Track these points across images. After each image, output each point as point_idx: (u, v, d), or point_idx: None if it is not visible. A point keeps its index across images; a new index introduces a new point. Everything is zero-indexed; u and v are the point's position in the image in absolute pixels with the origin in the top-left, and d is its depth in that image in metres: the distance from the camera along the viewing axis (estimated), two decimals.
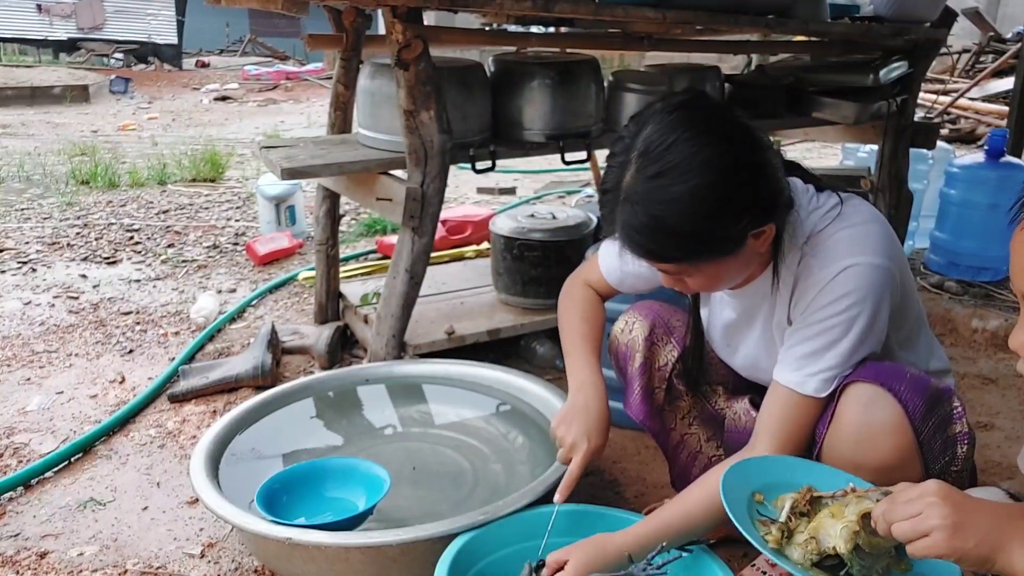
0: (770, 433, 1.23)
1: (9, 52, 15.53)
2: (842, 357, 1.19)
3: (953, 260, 3.19)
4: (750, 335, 1.38)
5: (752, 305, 1.34)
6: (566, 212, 2.66)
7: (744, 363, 1.43)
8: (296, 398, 1.96)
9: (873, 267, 1.17)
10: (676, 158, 1.06)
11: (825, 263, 1.19)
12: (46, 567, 1.56)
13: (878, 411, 1.15)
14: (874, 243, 1.19)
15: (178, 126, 8.35)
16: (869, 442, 1.16)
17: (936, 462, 1.19)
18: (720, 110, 1.15)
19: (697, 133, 1.08)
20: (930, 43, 2.82)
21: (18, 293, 3.10)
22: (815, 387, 1.20)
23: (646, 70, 2.61)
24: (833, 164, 4.43)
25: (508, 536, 1.38)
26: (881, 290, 1.17)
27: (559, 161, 2.31)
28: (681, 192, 1.06)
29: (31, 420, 2.14)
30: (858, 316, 1.17)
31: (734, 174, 1.08)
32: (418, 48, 1.84)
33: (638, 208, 1.08)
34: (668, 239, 1.10)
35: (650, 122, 1.11)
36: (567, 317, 1.53)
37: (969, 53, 9.12)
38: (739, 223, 1.11)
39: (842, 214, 1.22)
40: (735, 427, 1.48)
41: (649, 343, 1.48)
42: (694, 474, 1.56)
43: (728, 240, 1.12)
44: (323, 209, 2.59)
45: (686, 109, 1.11)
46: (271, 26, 22.19)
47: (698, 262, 1.15)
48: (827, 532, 1.00)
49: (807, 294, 1.21)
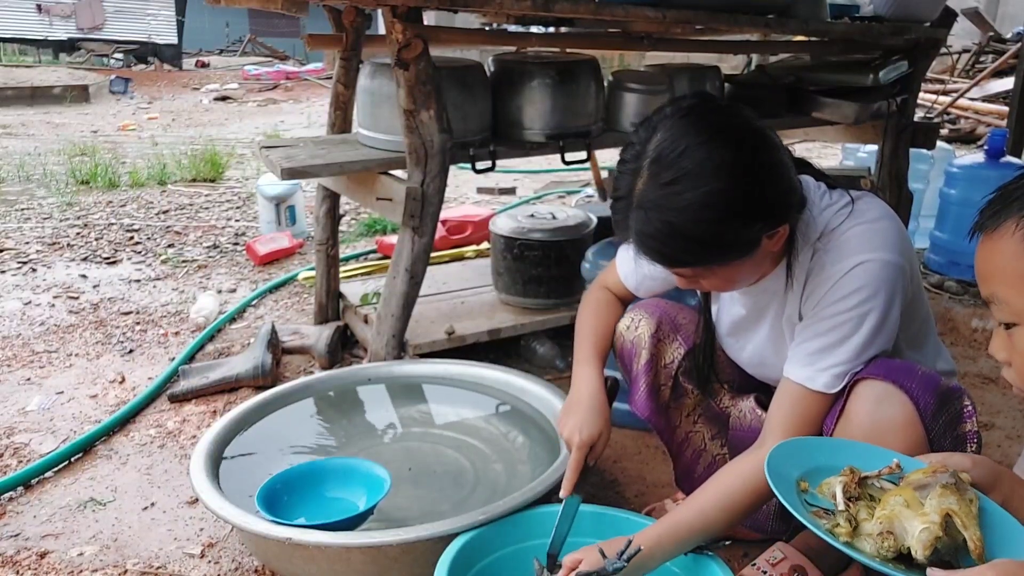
0: (780, 429, 1.23)
1: (9, 52, 15.54)
2: (853, 353, 1.19)
3: (953, 260, 3.19)
4: (759, 331, 1.38)
5: (762, 301, 1.34)
6: (566, 212, 2.66)
7: (752, 359, 1.43)
8: (296, 398, 1.95)
9: (885, 263, 1.17)
10: (688, 164, 1.06)
11: (837, 259, 1.19)
12: (46, 567, 1.56)
13: (889, 408, 1.15)
14: (887, 239, 1.19)
15: (178, 126, 8.36)
16: (879, 438, 1.15)
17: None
18: (730, 112, 1.14)
19: (708, 138, 1.08)
20: (930, 43, 2.82)
21: (18, 293, 3.10)
22: (825, 383, 1.20)
23: (646, 70, 2.61)
24: (833, 164, 4.43)
25: (508, 536, 1.38)
26: (893, 286, 1.17)
27: (559, 161, 2.31)
28: (694, 199, 1.06)
29: (31, 420, 2.14)
30: (870, 312, 1.17)
31: (747, 178, 1.08)
32: (418, 48, 1.84)
33: (652, 215, 1.08)
34: (682, 245, 1.10)
35: (660, 128, 1.10)
36: (580, 317, 1.55)
37: (969, 53, 9.12)
38: (753, 226, 1.11)
39: (855, 211, 1.22)
40: (740, 425, 1.48)
41: (655, 340, 1.48)
42: (698, 472, 1.56)
43: (742, 243, 1.13)
44: (323, 209, 2.59)
45: (696, 113, 1.11)
46: (271, 26, 22.20)
47: (713, 265, 1.15)
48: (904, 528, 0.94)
49: (819, 290, 1.21)
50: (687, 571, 1.30)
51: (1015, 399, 2.28)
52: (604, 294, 1.55)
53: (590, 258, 2.18)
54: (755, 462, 1.21)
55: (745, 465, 1.23)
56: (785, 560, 1.39)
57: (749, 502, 1.21)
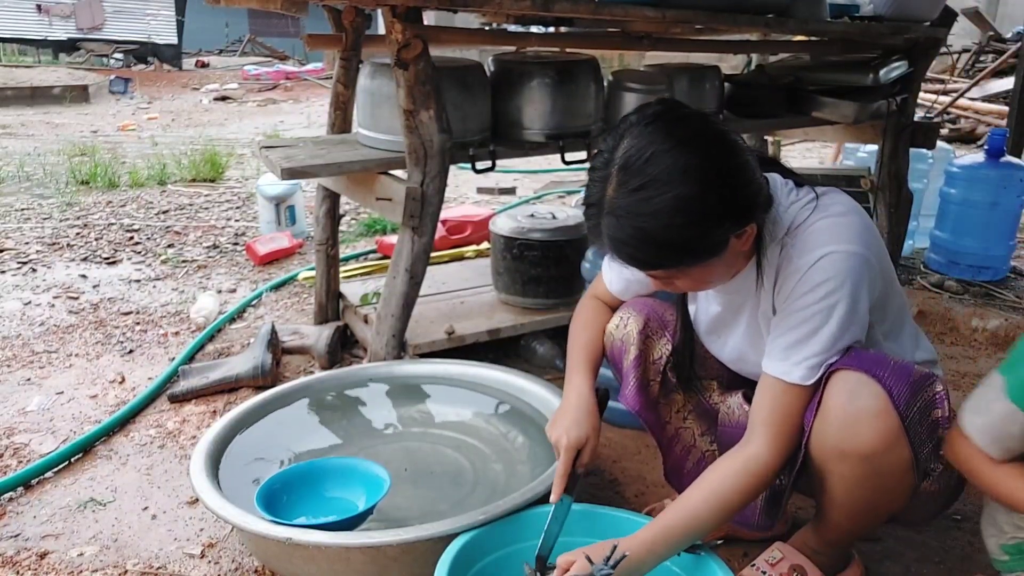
0: (762, 424, 1.26)
1: (9, 52, 15.55)
2: (825, 344, 1.21)
3: (953, 259, 3.19)
4: (736, 328, 1.40)
5: (737, 299, 1.37)
6: (566, 212, 2.66)
7: (732, 356, 1.45)
8: (296, 398, 1.96)
9: (849, 254, 1.19)
10: (655, 170, 1.09)
11: (803, 252, 1.22)
12: (46, 567, 1.56)
13: (862, 397, 1.18)
14: (850, 232, 1.22)
15: (178, 126, 8.36)
16: (853, 428, 1.18)
17: (923, 447, 1.21)
18: (695, 118, 1.17)
19: (674, 144, 1.11)
20: (930, 42, 2.82)
21: (18, 293, 3.10)
22: (801, 375, 1.23)
23: (646, 70, 2.61)
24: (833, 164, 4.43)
25: (508, 536, 1.38)
26: (858, 276, 1.19)
27: (559, 161, 2.31)
28: (663, 204, 1.09)
29: (31, 420, 2.14)
30: (837, 303, 1.19)
31: (713, 181, 1.11)
32: (418, 48, 1.84)
33: (623, 221, 1.12)
34: (653, 248, 1.14)
35: (627, 135, 1.14)
36: (572, 327, 1.59)
37: (969, 53, 9.13)
38: (721, 227, 1.15)
39: (819, 205, 1.26)
40: (728, 421, 1.50)
41: (643, 336, 1.50)
42: (687, 468, 1.58)
43: (711, 244, 1.16)
44: (323, 209, 2.59)
45: (662, 120, 1.14)
46: (271, 26, 22.22)
47: (684, 267, 1.19)
48: None
49: (788, 283, 1.24)
50: (687, 571, 1.31)
51: None
52: (593, 303, 1.59)
53: (590, 258, 2.18)
54: (742, 459, 1.24)
55: (733, 463, 1.25)
56: (784, 560, 1.39)
57: (739, 500, 1.24)
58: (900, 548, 1.60)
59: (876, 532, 1.43)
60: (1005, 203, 3.09)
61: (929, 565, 1.57)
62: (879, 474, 1.21)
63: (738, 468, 1.24)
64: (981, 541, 1.30)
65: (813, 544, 1.41)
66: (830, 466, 1.25)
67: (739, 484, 1.23)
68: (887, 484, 1.24)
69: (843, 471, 1.23)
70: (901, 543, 1.62)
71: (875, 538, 1.60)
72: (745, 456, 1.25)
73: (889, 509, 1.30)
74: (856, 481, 1.23)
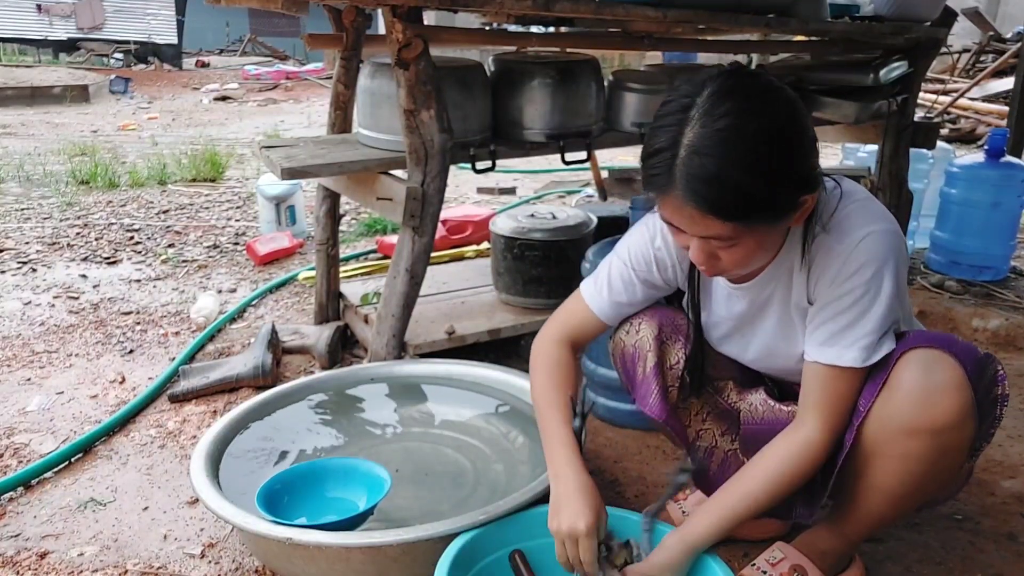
0: (814, 406, 1.26)
1: (9, 52, 15.54)
2: (877, 323, 1.22)
3: (954, 259, 3.19)
4: (763, 323, 1.38)
5: (764, 294, 1.35)
6: (566, 212, 2.66)
7: (758, 354, 1.43)
8: (296, 398, 1.96)
9: (887, 232, 1.22)
10: (738, 121, 1.09)
11: (842, 237, 1.22)
12: (46, 567, 1.56)
13: (939, 371, 1.19)
14: (881, 211, 1.25)
15: (178, 126, 8.36)
16: (929, 401, 1.18)
17: (985, 421, 1.23)
18: (773, 81, 1.18)
19: (760, 93, 1.12)
20: (930, 42, 2.82)
21: (18, 293, 3.10)
22: (854, 357, 1.23)
23: (646, 70, 2.61)
24: (833, 164, 4.43)
25: (508, 536, 1.38)
26: (898, 253, 1.22)
27: (559, 161, 2.31)
28: (748, 148, 1.09)
29: (31, 420, 2.14)
30: (884, 280, 1.21)
31: (792, 140, 1.12)
32: (418, 47, 1.84)
33: (707, 160, 1.09)
34: (732, 194, 1.11)
35: (710, 84, 1.13)
36: (536, 382, 1.47)
37: (969, 53, 9.13)
38: (794, 187, 1.14)
39: (845, 192, 1.27)
40: (752, 419, 1.48)
41: (659, 342, 1.48)
42: (712, 469, 1.55)
43: (782, 204, 1.15)
44: (323, 209, 2.59)
45: (745, 76, 1.15)
46: (271, 26, 22.21)
47: (752, 224, 1.15)
48: None
49: (829, 270, 1.24)
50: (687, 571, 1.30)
51: (1016, 399, 2.28)
52: (556, 351, 1.48)
53: (590, 258, 2.17)
54: (798, 442, 1.26)
55: (788, 446, 1.27)
56: (785, 560, 1.39)
57: (795, 482, 1.26)
58: (901, 549, 1.60)
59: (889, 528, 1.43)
60: (1005, 203, 3.08)
61: (930, 565, 1.56)
62: (943, 451, 1.21)
63: (794, 451, 1.26)
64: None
65: (823, 544, 1.41)
66: (890, 447, 1.23)
67: (795, 466, 1.25)
68: (945, 462, 1.24)
69: (907, 449, 1.22)
70: (902, 544, 1.62)
71: (876, 538, 1.60)
72: (799, 439, 1.26)
73: (935, 491, 1.31)
74: (916, 460, 1.22)
